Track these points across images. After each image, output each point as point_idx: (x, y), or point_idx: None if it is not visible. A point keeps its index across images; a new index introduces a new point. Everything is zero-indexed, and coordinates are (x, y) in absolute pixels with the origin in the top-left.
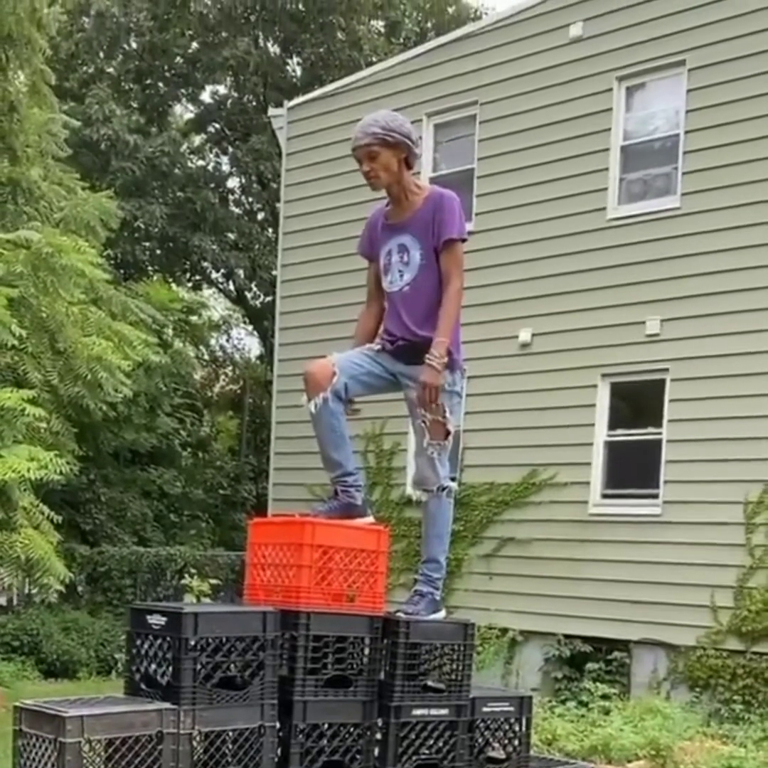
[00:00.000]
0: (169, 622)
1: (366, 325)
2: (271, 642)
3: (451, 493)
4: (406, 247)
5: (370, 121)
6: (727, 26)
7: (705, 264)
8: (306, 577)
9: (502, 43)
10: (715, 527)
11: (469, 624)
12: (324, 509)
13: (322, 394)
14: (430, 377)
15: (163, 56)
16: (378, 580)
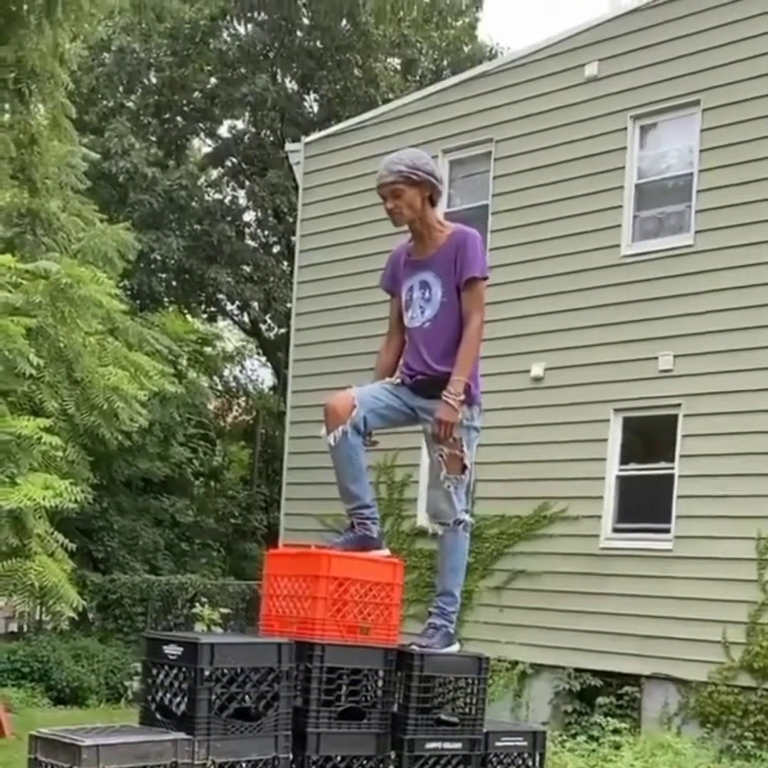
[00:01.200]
0: (185, 652)
1: (386, 358)
2: (286, 673)
3: (468, 526)
4: (428, 283)
5: (395, 159)
6: (741, 67)
7: (718, 301)
8: (321, 609)
9: (518, 81)
10: (727, 563)
11: (483, 657)
12: (340, 541)
13: (341, 426)
14: (446, 414)
15: (181, 91)
16: (392, 613)
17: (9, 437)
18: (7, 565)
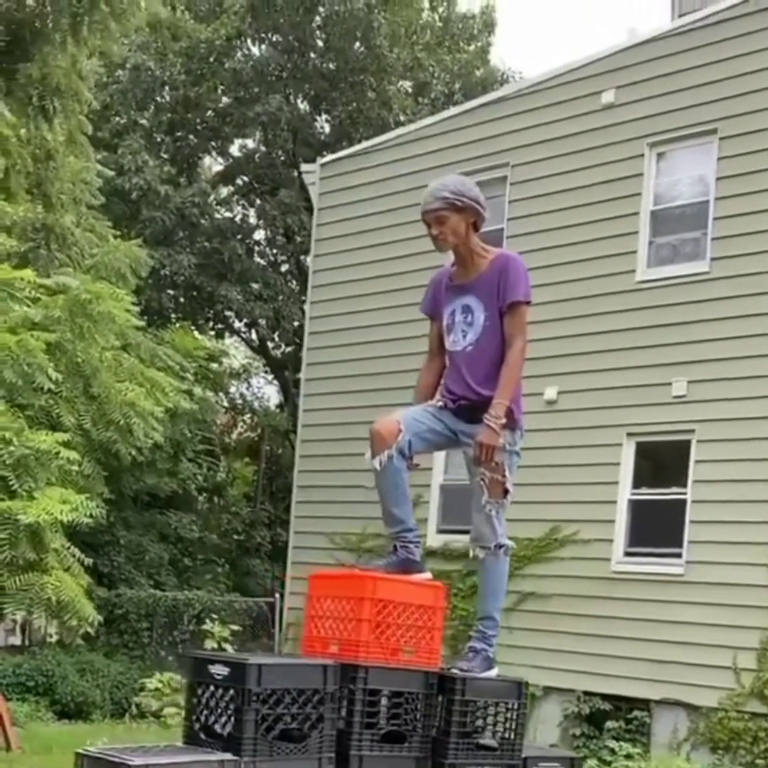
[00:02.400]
0: (233, 673)
1: (427, 380)
2: (331, 695)
3: (508, 550)
4: (470, 308)
5: (439, 186)
6: (759, 97)
7: (732, 328)
8: (365, 631)
9: (535, 107)
10: (739, 588)
11: (523, 683)
12: (383, 564)
13: (387, 451)
14: (487, 438)
15: (195, 109)
16: (435, 636)
17: (28, 451)
18: (24, 579)
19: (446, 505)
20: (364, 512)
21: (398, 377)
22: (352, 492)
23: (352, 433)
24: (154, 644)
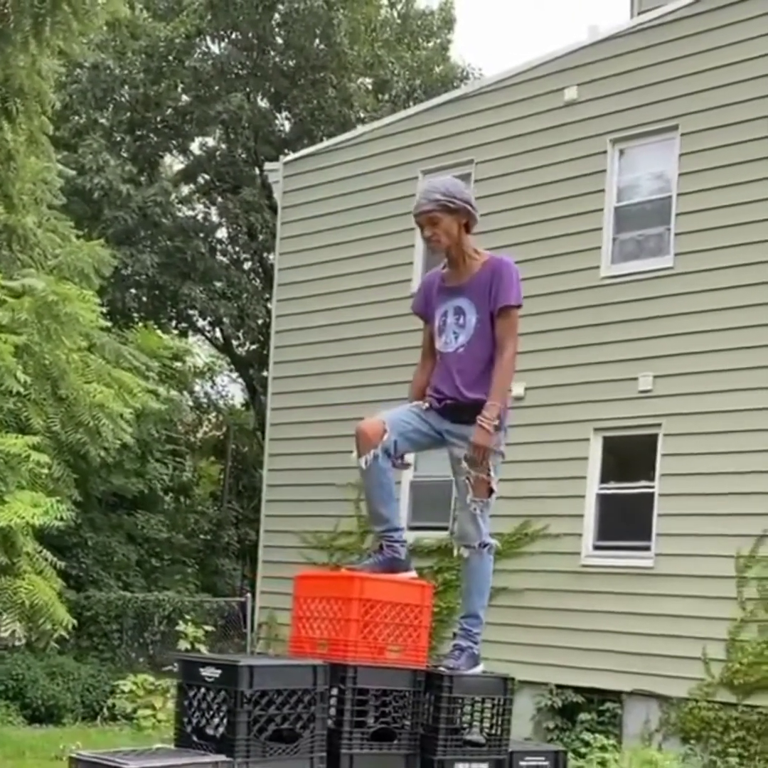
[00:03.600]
0: (224, 675)
1: (421, 382)
2: (321, 695)
3: (492, 549)
4: (462, 309)
5: (431, 187)
6: (719, 93)
7: (697, 322)
8: (354, 631)
9: (498, 104)
10: (707, 580)
11: (509, 678)
12: (369, 563)
13: (373, 450)
14: (482, 439)
15: (155, 108)
16: (421, 635)
17: None
18: None
19: (416, 502)
20: (335, 510)
21: (367, 374)
22: (322, 490)
23: (322, 431)
24: (124, 646)
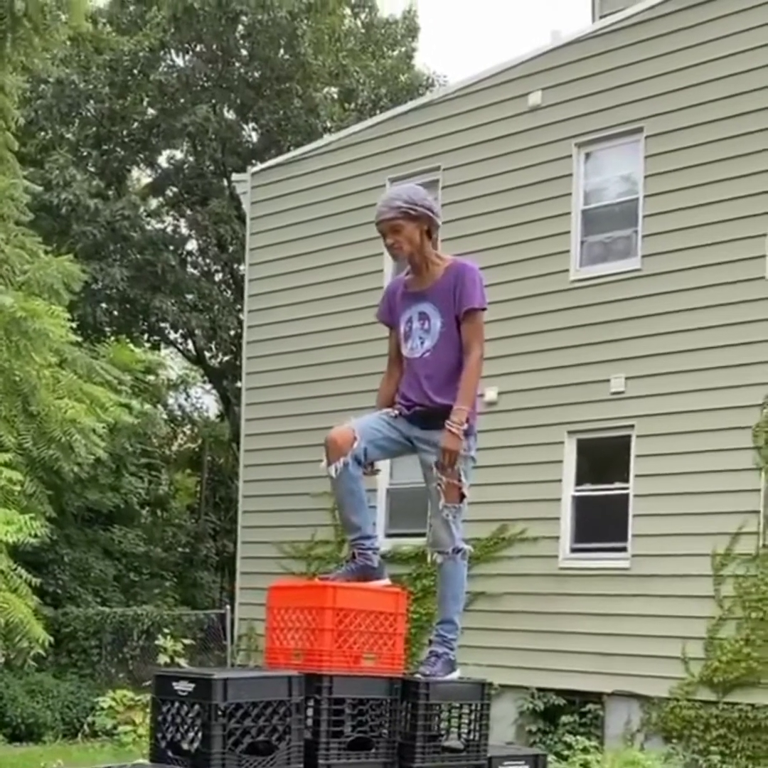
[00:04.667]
0: (198, 688)
1: (388, 390)
2: (297, 706)
3: (466, 554)
4: (426, 314)
5: (392, 195)
6: (683, 95)
7: (666, 323)
8: (328, 641)
9: (464, 110)
10: (684, 579)
11: (486, 683)
12: (342, 572)
13: (342, 458)
14: (451, 443)
15: (121, 122)
16: (397, 642)
17: None
18: None
19: (393, 509)
20: (312, 520)
21: (340, 383)
22: (298, 500)
23: (296, 441)
24: (103, 662)
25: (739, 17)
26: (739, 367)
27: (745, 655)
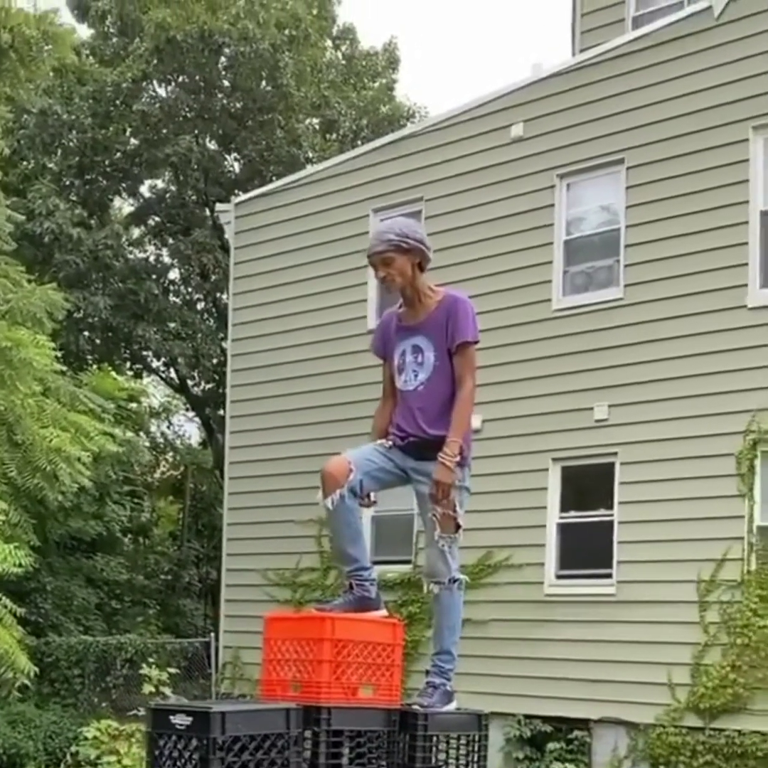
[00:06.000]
0: (196, 722)
1: (382, 422)
2: (295, 738)
3: (462, 584)
4: (420, 348)
5: (384, 228)
6: (663, 127)
7: (649, 352)
8: (326, 672)
9: (446, 141)
10: (669, 606)
11: (483, 714)
12: (339, 603)
13: (339, 491)
14: (444, 475)
15: (104, 152)
16: (394, 673)
17: None
18: None
19: (379, 536)
20: (297, 547)
21: (324, 411)
22: (283, 527)
23: (281, 468)
24: (86, 691)
25: (714, 52)
26: (722, 395)
27: (731, 681)
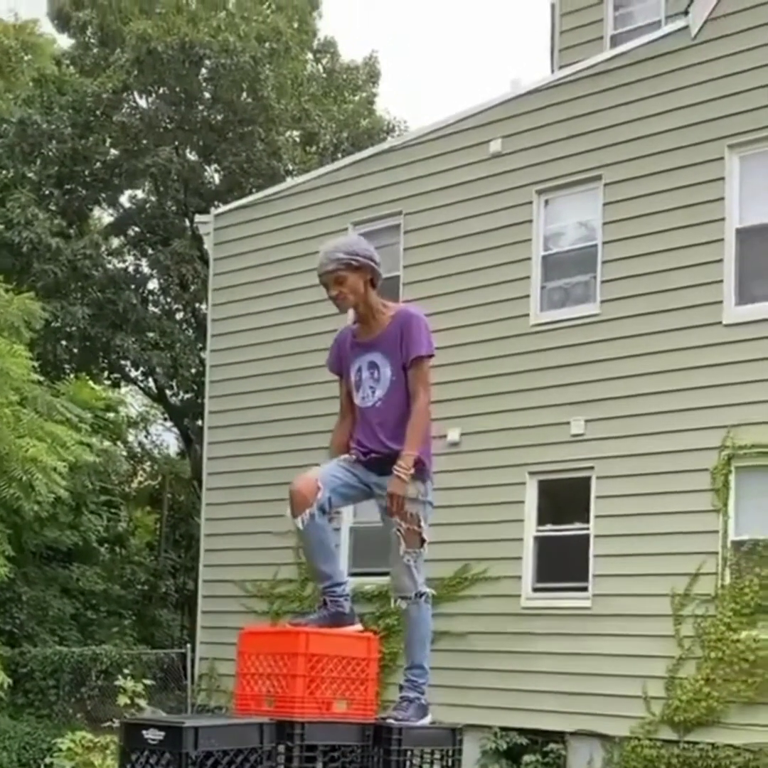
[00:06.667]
0: (168, 737)
1: (340, 438)
2: (268, 753)
3: (429, 598)
4: (376, 364)
5: (332, 247)
6: (640, 144)
7: (625, 367)
8: (300, 687)
9: (426, 156)
10: (644, 619)
11: (458, 728)
12: (314, 618)
13: (308, 510)
14: (397, 488)
15: (83, 162)
16: (369, 688)
17: None
18: None
19: (357, 548)
20: (275, 558)
21: (302, 423)
22: (261, 538)
23: (259, 479)
24: (61, 702)
25: (691, 71)
26: (697, 411)
27: (705, 694)
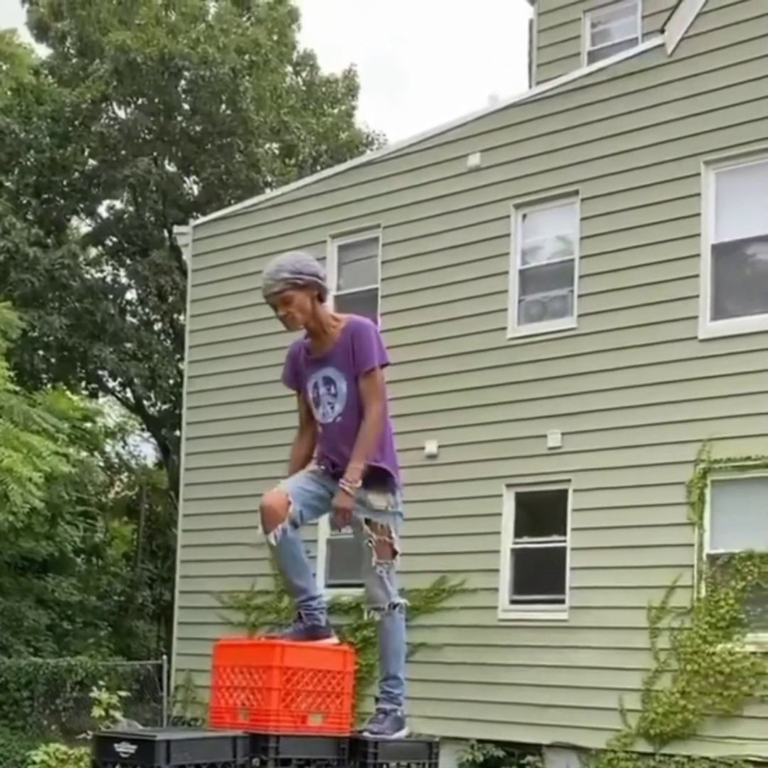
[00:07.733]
0: (140, 750)
1: (300, 452)
2: (242, 767)
3: (403, 609)
4: (331, 379)
5: (276, 267)
6: (617, 160)
7: (601, 381)
8: (275, 700)
9: (405, 170)
10: (621, 632)
11: (434, 742)
12: (289, 632)
13: (280, 525)
14: (342, 501)
15: (62, 172)
16: (344, 701)
17: None
18: None
19: (333, 559)
20: (252, 570)
21: (279, 434)
22: (238, 550)
23: (236, 491)
24: (35, 714)
25: (667, 88)
26: (673, 424)
27: (681, 707)
